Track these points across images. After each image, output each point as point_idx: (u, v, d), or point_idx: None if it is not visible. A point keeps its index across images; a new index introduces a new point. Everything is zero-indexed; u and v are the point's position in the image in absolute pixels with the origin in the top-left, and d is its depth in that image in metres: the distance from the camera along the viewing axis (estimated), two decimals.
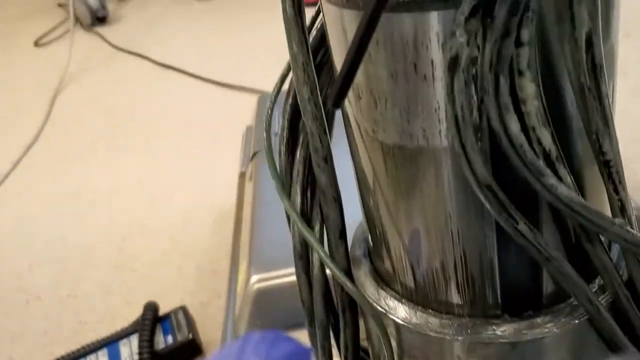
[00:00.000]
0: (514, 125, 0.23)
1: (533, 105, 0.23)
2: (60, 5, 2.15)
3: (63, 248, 0.96)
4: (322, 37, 0.35)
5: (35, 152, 1.30)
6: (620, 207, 0.27)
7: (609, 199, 0.28)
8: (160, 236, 0.94)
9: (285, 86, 0.39)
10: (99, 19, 1.91)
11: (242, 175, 0.84)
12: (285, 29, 0.34)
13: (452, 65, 0.23)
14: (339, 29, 0.29)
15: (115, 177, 1.13)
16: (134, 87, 1.52)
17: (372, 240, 0.36)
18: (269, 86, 0.38)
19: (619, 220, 0.26)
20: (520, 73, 0.23)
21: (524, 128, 0.23)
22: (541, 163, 0.24)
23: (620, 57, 0.29)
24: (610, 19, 0.28)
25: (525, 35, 0.22)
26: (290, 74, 0.35)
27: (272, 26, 0.76)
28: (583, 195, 0.28)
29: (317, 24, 0.37)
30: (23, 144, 1.32)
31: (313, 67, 0.33)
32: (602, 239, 0.28)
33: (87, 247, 0.96)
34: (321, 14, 0.32)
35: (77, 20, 1.90)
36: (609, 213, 0.28)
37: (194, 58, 1.56)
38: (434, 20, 0.25)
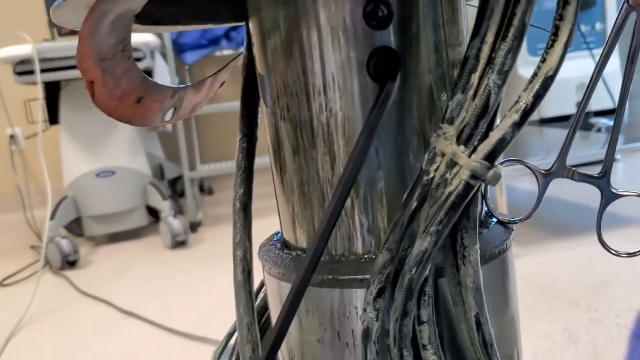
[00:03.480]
0: None
1: None
2: (32, 247, 2.22)
3: None
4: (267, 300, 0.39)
5: None
6: None
7: None
8: None
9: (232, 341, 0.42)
10: (70, 262, 1.96)
11: None
12: (235, 292, 0.38)
13: (365, 337, 0.27)
14: (277, 297, 0.33)
15: None
16: (93, 334, 1.50)
17: None
18: None
19: None
20: (424, 346, 0.27)
21: None
22: None
23: None
24: (509, 298, 0.33)
25: (424, 315, 0.27)
26: (236, 333, 0.39)
27: None
28: None
29: (264, 289, 0.41)
30: None
31: (257, 328, 0.37)
32: None
33: None
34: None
35: (47, 262, 1.95)
36: None
37: (157, 307, 1.58)
38: (353, 296, 0.29)
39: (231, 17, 0.42)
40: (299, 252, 0.33)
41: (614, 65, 1.97)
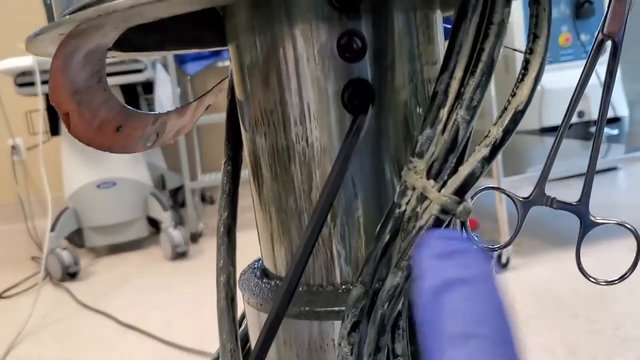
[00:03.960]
0: None
1: None
2: (33, 258, 2.23)
3: None
4: None
5: None
6: None
7: None
8: None
9: None
10: (70, 274, 1.97)
11: None
12: (218, 318, 0.38)
13: None
14: (256, 327, 0.33)
15: None
16: (92, 346, 1.50)
17: None
18: None
19: None
20: None
21: None
22: None
23: None
24: None
25: (399, 349, 0.27)
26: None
27: None
28: None
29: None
30: None
31: (240, 355, 0.37)
32: None
33: None
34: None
35: (48, 274, 1.95)
36: None
37: (157, 319, 1.58)
38: (330, 328, 0.29)
39: (218, 42, 0.42)
40: (277, 281, 0.33)
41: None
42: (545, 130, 2.09)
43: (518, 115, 0.25)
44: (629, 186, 2.30)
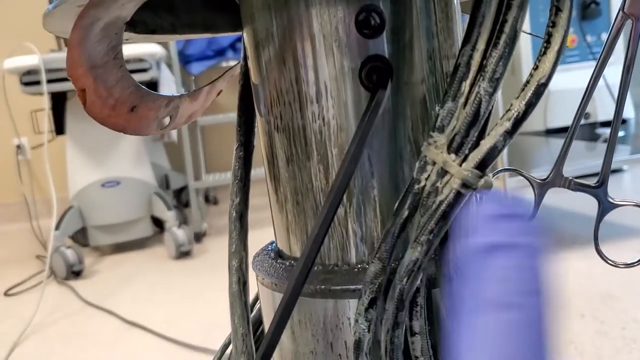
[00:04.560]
0: None
1: None
2: (38, 257, 2.23)
3: None
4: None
5: None
6: None
7: None
8: None
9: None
10: (75, 272, 1.97)
11: None
12: (230, 302, 0.38)
13: (357, 348, 0.27)
14: (270, 308, 0.33)
15: None
16: (97, 344, 1.50)
17: None
18: None
19: None
20: (416, 358, 0.27)
21: None
22: None
23: None
24: None
25: (416, 326, 0.26)
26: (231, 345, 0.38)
27: None
28: None
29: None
30: None
31: (252, 339, 0.37)
32: None
33: None
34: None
35: (52, 272, 1.95)
36: None
37: (161, 317, 1.58)
38: (346, 307, 0.29)
39: (229, 27, 0.42)
40: (292, 261, 0.33)
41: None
42: (551, 132, 2.08)
43: (541, 89, 0.24)
44: (635, 187, 2.29)
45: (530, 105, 0.24)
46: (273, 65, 0.31)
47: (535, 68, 0.25)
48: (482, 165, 0.24)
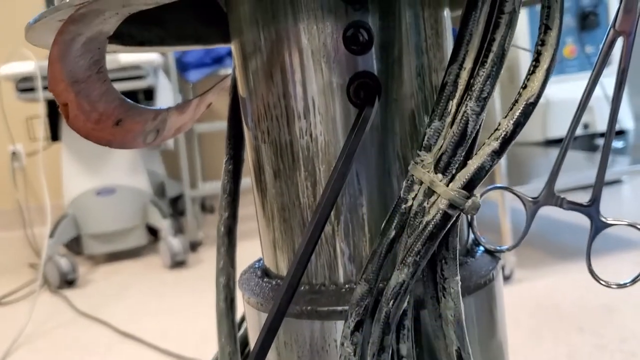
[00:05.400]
0: None
1: None
2: (31, 265, 2.21)
3: None
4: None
5: None
6: None
7: None
8: None
9: None
10: (68, 281, 1.95)
11: None
12: (217, 320, 0.37)
13: None
14: (256, 328, 0.32)
15: None
16: (90, 355, 1.49)
17: None
18: None
19: None
20: None
21: None
22: None
23: None
24: (495, 332, 0.32)
25: (404, 349, 0.26)
26: None
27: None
28: None
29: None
30: None
31: (239, 358, 0.36)
32: None
33: None
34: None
35: (45, 281, 1.93)
36: None
37: (155, 328, 1.57)
38: (333, 328, 0.28)
39: (220, 39, 0.42)
40: (279, 280, 0.32)
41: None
42: (550, 142, 2.08)
43: (529, 108, 0.24)
44: (634, 197, 2.28)
45: (519, 125, 0.24)
46: (261, 79, 0.31)
47: (524, 87, 0.24)
48: (470, 186, 0.24)
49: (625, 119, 2.17)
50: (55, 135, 2.14)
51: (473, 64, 0.24)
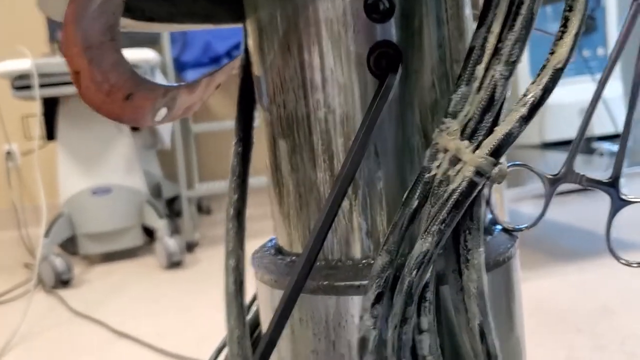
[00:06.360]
0: None
1: None
2: (26, 265, 2.19)
3: None
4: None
5: None
6: None
7: None
8: None
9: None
10: (63, 281, 1.93)
11: None
12: (225, 303, 0.37)
13: (361, 346, 0.25)
14: (269, 307, 0.31)
15: None
16: (85, 355, 1.47)
17: None
18: None
19: None
20: (424, 357, 0.25)
21: None
22: None
23: None
24: (513, 313, 0.31)
25: (425, 323, 0.25)
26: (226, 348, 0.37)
27: None
28: None
29: (257, 302, 0.39)
30: None
31: (249, 342, 0.35)
32: None
33: None
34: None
35: (40, 281, 1.92)
36: None
37: (151, 328, 1.55)
38: (350, 303, 0.28)
39: (229, 18, 0.41)
40: (293, 258, 0.31)
41: (617, 91, 1.97)
42: (547, 146, 2.08)
43: (557, 74, 0.23)
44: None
45: (547, 91, 0.23)
46: (277, 52, 0.30)
47: (552, 53, 0.24)
48: (497, 153, 0.23)
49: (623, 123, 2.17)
50: (51, 134, 2.12)
51: (501, 28, 0.23)
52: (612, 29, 2.04)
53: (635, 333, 1.20)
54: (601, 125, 1.84)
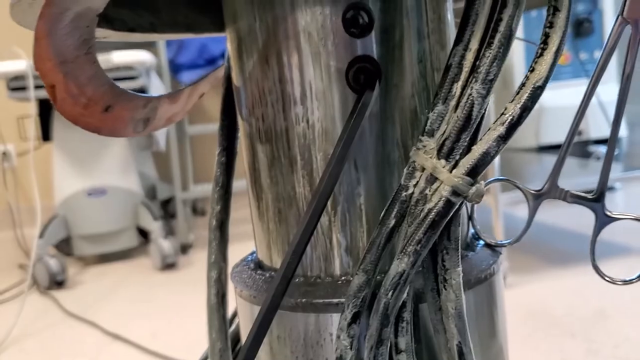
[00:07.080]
0: None
1: None
2: (21, 266, 2.18)
3: None
4: None
5: None
6: None
7: None
8: None
9: None
10: (57, 282, 1.93)
11: None
12: (207, 316, 0.36)
13: None
14: (248, 322, 0.31)
15: None
16: (78, 357, 1.47)
17: None
18: None
19: None
20: None
21: None
22: None
23: None
24: (496, 330, 0.31)
25: (402, 343, 0.25)
26: None
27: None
28: None
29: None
30: None
31: (230, 355, 0.35)
32: None
33: None
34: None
35: (35, 282, 1.91)
36: None
37: (145, 330, 1.55)
38: (328, 321, 0.27)
39: (212, 27, 0.40)
40: (272, 273, 0.31)
41: (613, 94, 1.96)
42: (543, 149, 2.08)
43: (537, 92, 0.23)
44: (628, 204, 2.29)
45: (526, 109, 0.23)
46: (256, 64, 0.30)
47: (532, 70, 0.23)
48: (474, 172, 0.23)
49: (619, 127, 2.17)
50: (46, 135, 2.12)
51: (479, 45, 0.23)
52: (609, 32, 2.04)
53: (628, 337, 1.20)
54: (597, 128, 1.84)
